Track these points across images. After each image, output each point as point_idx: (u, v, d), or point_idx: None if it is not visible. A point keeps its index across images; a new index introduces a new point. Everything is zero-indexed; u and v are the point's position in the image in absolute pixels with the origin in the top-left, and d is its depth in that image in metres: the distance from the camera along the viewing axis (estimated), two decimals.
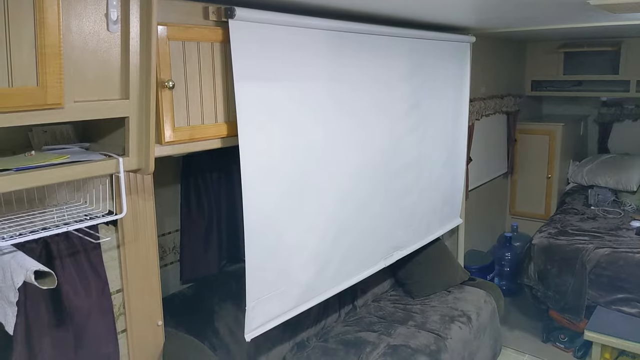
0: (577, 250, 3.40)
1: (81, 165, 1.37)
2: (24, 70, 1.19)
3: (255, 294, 1.97)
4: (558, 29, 3.13)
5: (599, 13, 2.36)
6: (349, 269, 2.48)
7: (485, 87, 3.74)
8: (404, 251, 2.90)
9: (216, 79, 1.79)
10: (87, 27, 1.32)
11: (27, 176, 1.26)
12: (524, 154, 4.51)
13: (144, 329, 1.74)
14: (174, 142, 1.68)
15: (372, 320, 2.80)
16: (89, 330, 1.53)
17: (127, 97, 1.43)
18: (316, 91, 2.10)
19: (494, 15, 2.60)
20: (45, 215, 1.42)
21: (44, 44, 1.20)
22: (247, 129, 1.81)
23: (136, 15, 1.39)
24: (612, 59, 4.16)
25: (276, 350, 2.46)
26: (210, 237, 2.48)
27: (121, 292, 1.67)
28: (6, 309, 1.31)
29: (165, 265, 2.42)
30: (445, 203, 3.23)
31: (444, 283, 3.17)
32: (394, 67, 2.55)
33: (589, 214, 4.06)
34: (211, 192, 2.48)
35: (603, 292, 3.26)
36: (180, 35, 1.64)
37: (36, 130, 1.51)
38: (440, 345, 2.57)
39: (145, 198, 1.69)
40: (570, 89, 4.46)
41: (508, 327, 3.75)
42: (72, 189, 1.53)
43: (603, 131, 4.90)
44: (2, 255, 1.30)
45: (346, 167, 2.32)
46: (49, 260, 1.44)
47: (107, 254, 1.61)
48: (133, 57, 1.41)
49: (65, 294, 1.47)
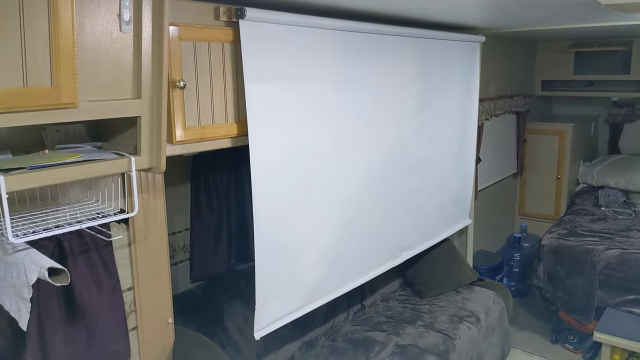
0: (587, 251, 3.38)
1: (94, 164, 1.39)
2: (39, 71, 1.21)
3: (264, 293, 1.98)
4: (568, 29, 3.11)
5: (610, 13, 2.35)
6: (357, 268, 2.48)
7: (494, 87, 3.72)
8: (413, 251, 2.90)
9: (226, 79, 1.80)
10: (100, 28, 1.34)
11: (40, 174, 1.28)
12: (534, 154, 4.49)
13: (154, 326, 1.75)
14: (185, 141, 1.69)
15: (380, 320, 2.81)
16: (100, 327, 1.55)
17: (139, 96, 1.44)
18: (325, 91, 2.11)
19: (503, 15, 2.59)
20: (58, 213, 1.44)
21: (58, 45, 1.22)
22: (257, 128, 1.82)
23: (148, 16, 1.41)
24: (623, 58, 4.12)
25: (285, 348, 2.47)
26: (219, 236, 2.50)
27: (132, 290, 1.68)
28: (20, 305, 1.32)
29: (175, 264, 2.44)
30: (454, 203, 3.22)
31: (452, 283, 3.16)
32: (403, 67, 2.54)
33: (599, 214, 4.03)
34: (221, 191, 2.49)
35: (613, 293, 3.23)
36: (191, 35, 1.66)
37: (49, 130, 1.53)
38: (448, 345, 2.56)
39: (156, 197, 1.71)
40: (581, 89, 4.43)
41: (517, 327, 3.74)
42: (84, 188, 1.55)
43: (614, 131, 4.86)
44: (16, 253, 1.32)
45: (355, 166, 2.33)
46: (62, 257, 1.46)
47: (119, 252, 1.62)
48: (145, 57, 1.43)
49: (77, 291, 1.49)
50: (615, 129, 4.84)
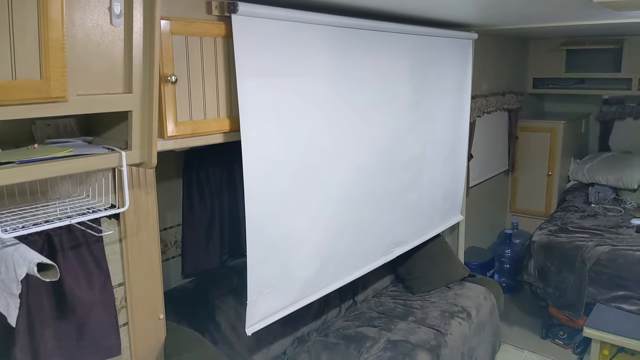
0: (577, 248, 3.40)
1: (84, 159, 1.37)
2: (28, 63, 1.19)
3: (256, 289, 1.98)
4: (560, 27, 3.13)
5: (602, 10, 2.36)
6: (350, 264, 2.49)
7: (487, 84, 3.74)
8: (405, 247, 2.91)
9: (219, 74, 1.79)
10: (91, 21, 1.32)
11: (30, 169, 1.27)
12: (525, 151, 4.51)
13: (145, 322, 1.75)
14: (177, 136, 1.68)
15: (372, 316, 2.81)
16: (91, 323, 1.54)
17: (130, 91, 1.43)
18: (318, 87, 2.10)
19: (496, 12, 2.60)
20: (48, 208, 1.43)
21: (48, 37, 1.20)
22: (249, 123, 1.82)
23: (139, 9, 1.39)
24: (615, 56, 4.15)
25: (277, 344, 2.47)
26: (212, 232, 2.49)
27: (123, 286, 1.67)
28: (9, 300, 1.31)
29: (167, 260, 2.43)
30: (446, 200, 3.23)
31: (444, 279, 3.18)
32: (396, 64, 2.54)
33: (590, 211, 4.06)
34: (213, 186, 2.49)
35: (603, 290, 3.26)
36: (183, 29, 1.65)
37: (39, 124, 1.51)
38: (440, 340, 2.58)
39: (147, 192, 1.70)
40: (572, 86, 4.45)
41: (507, 323, 3.76)
42: (74, 182, 1.53)
43: (604, 129, 4.89)
44: (5, 248, 1.31)
45: (348, 162, 2.33)
46: (52, 253, 1.45)
47: (109, 247, 1.61)
48: (136, 51, 1.41)
49: (67, 287, 1.48)
50: (606, 127, 4.88)
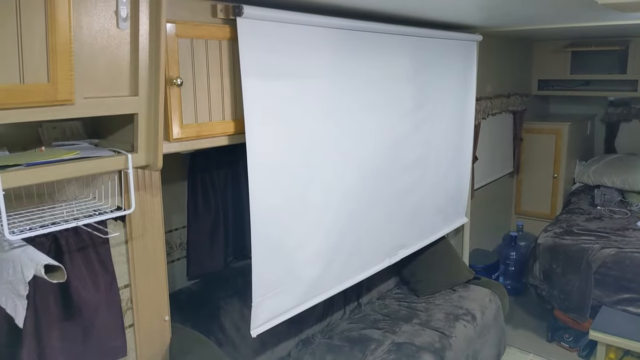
0: (583, 250, 3.39)
1: (90, 161, 1.39)
2: (35, 67, 1.21)
3: (261, 291, 1.99)
4: (565, 28, 3.12)
5: (607, 12, 2.36)
6: (354, 266, 2.49)
7: (491, 86, 3.73)
8: (409, 249, 2.91)
9: (224, 77, 1.80)
10: (97, 25, 1.34)
11: (37, 171, 1.28)
12: (530, 153, 4.50)
13: (151, 323, 1.75)
14: (182, 139, 1.69)
15: (376, 318, 2.81)
16: (97, 325, 1.55)
17: (136, 93, 1.44)
18: (322, 89, 2.11)
19: (500, 14, 2.60)
20: (55, 210, 1.44)
21: (55, 41, 1.22)
22: (254, 126, 1.82)
23: (145, 13, 1.41)
24: (620, 58, 4.14)
25: (281, 346, 2.47)
26: (216, 234, 2.50)
27: (129, 287, 1.68)
28: (16, 302, 1.32)
29: (172, 262, 2.44)
30: (451, 202, 3.23)
31: (448, 281, 3.17)
32: (400, 65, 2.55)
33: (595, 213, 4.04)
34: (218, 188, 2.49)
35: (608, 292, 3.25)
36: (188, 32, 1.66)
37: (46, 126, 1.53)
38: (444, 343, 2.57)
39: (153, 194, 1.71)
40: (577, 88, 4.44)
41: (512, 326, 3.75)
42: (81, 185, 1.55)
43: (610, 131, 4.88)
44: (12, 249, 1.32)
45: (352, 164, 2.33)
46: (58, 254, 1.46)
47: (115, 249, 1.62)
48: (142, 54, 1.43)
49: (73, 288, 1.49)
50: (612, 128, 4.86)
